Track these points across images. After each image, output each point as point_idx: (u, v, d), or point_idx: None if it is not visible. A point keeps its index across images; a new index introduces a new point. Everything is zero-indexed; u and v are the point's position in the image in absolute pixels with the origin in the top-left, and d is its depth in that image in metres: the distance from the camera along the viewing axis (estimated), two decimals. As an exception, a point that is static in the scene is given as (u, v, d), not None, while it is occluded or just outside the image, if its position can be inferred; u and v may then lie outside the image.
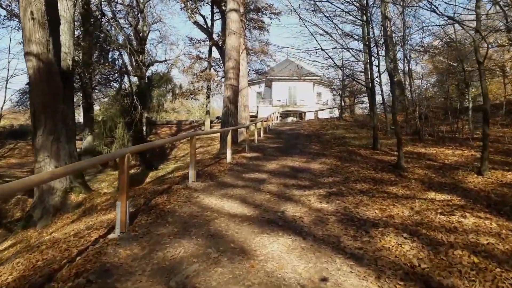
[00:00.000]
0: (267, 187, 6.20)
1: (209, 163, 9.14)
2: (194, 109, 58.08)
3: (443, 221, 4.09)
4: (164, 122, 35.76)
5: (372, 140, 11.21)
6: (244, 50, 20.59)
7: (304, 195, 5.60)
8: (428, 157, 8.19)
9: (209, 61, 28.48)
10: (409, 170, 6.99)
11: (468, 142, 9.99)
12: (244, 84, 20.36)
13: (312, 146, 12.21)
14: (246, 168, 8.18)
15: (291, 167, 8.21)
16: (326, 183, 6.47)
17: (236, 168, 8.15)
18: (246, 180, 6.85)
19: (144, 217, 4.43)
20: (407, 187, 5.77)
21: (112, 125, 17.22)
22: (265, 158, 9.77)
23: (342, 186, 6.11)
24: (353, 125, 19.62)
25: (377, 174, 6.90)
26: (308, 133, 16.97)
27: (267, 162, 9.01)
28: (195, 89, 28.47)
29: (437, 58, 16.08)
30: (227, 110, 13.75)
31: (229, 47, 13.98)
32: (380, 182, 6.21)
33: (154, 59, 38.09)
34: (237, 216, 4.47)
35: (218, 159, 9.77)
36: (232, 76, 13.81)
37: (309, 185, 6.31)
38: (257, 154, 10.73)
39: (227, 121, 13.64)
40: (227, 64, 14.06)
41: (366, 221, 4.24)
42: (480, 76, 5.99)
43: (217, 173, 7.44)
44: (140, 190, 6.30)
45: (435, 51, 14.18)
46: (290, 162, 9.02)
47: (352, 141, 12.30)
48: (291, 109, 36.86)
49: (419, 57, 14.65)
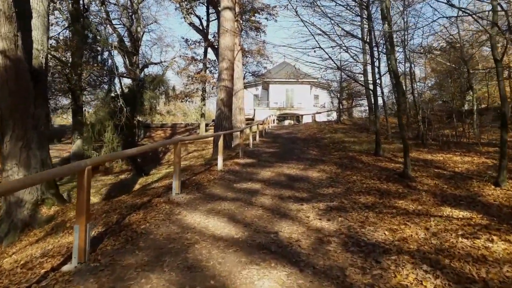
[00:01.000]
0: (260, 199, 5.51)
1: (198, 170, 8.45)
2: (190, 111, 57.37)
3: (467, 247, 3.42)
4: (158, 125, 35.05)
5: (373, 145, 10.57)
6: (239, 51, 19.96)
7: (301, 209, 4.92)
8: (435, 165, 7.54)
9: (205, 63, 27.81)
10: (417, 179, 6.33)
11: (475, 147, 9.37)
12: (239, 86, 19.71)
13: (310, 151, 11.55)
14: (238, 177, 7.50)
15: (287, 176, 7.53)
16: (326, 194, 5.79)
17: (228, 177, 7.46)
18: (237, 191, 6.16)
19: (111, 241, 3.73)
20: (417, 200, 5.10)
21: (101, 128, 16.51)
22: (260, 165, 9.10)
23: (344, 199, 5.43)
24: (352, 128, 19.01)
25: (382, 184, 6.23)
26: (306, 137, 16.32)
27: (262, 170, 8.34)
28: (190, 91, 27.77)
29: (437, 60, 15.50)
30: (220, 113, 13.08)
31: (222, 47, 13.32)
32: (387, 195, 5.54)
33: (149, 61, 37.53)
34: (222, 239, 3.78)
35: (209, 165, 9.08)
36: (226, 78, 13.15)
37: (307, 197, 5.63)
38: (251, 160, 10.05)
39: (220, 124, 12.96)
40: (220, 65, 13.40)
41: (375, 245, 3.57)
42: (498, 76, 5.36)
43: (205, 183, 6.75)
44: (117, 204, 5.60)
45: (438, 52, 13.57)
46: (286, 169, 8.35)
47: (352, 146, 11.65)
48: (288, 112, 36.25)
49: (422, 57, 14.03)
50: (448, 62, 14.00)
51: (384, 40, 8.73)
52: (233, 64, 13.97)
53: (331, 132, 17.18)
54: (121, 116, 17.60)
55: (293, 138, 16.40)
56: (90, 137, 16.80)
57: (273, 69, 38.11)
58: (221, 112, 13.06)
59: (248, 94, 42.39)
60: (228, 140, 13.17)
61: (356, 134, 15.92)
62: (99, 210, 5.37)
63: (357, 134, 16.21)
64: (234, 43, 13.87)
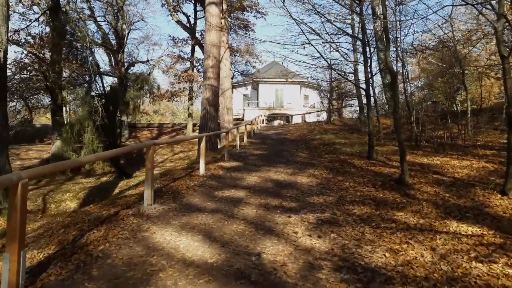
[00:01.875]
0: (243, 211, 4.91)
1: (179, 175, 7.79)
2: (179, 111, 56.45)
3: (484, 274, 2.88)
4: (145, 125, 34.17)
5: (365, 147, 10.09)
6: (227, 49, 19.32)
7: (289, 223, 4.34)
8: (433, 169, 7.05)
9: (192, 61, 27.09)
10: (415, 187, 5.82)
11: (471, 150, 8.95)
12: (227, 85, 19.07)
13: (300, 153, 10.99)
14: (221, 183, 6.87)
15: (274, 181, 6.95)
16: (317, 204, 5.22)
17: (209, 183, 6.83)
18: (219, 200, 5.54)
19: (58, 269, 3.07)
20: (418, 212, 4.56)
21: (80, 129, 15.69)
22: (246, 169, 8.50)
23: (337, 210, 4.87)
24: (343, 129, 18.57)
25: (378, 192, 5.69)
26: (295, 138, 15.79)
27: (248, 174, 7.73)
28: (176, 90, 26.99)
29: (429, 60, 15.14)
30: (205, 113, 12.43)
31: (208, 43, 12.67)
32: (384, 205, 4.99)
33: (135, 59, 36.63)
34: (194, 264, 3.16)
35: (190, 170, 8.43)
36: (212, 76, 12.50)
37: (295, 208, 5.05)
38: (237, 163, 9.44)
39: (205, 125, 12.31)
40: (206, 63, 12.75)
41: (375, 272, 3.00)
42: (504, 74, 4.87)
43: (184, 191, 6.10)
44: (81, 216, 4.91)
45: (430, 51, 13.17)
46: (274, 174, 7.76)
47: (343, 148, 11.14)
48: (278, 112, 35.74)
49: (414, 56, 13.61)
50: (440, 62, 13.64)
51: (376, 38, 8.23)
52: (220, 62, 13.34)
53: (321, 133, 16.68)
54: (103, 116, 16.81)
55: (282, 139, 15.85)
56: (69, 138, 15.97)
57: (263, 69, 37.58)
58: (206, 112, 12.41)
59: (237, 94, 41.80)
60: (213, 142, 12.53)
61: (347, 135, 15.46)
62: (59, 224, 4.69)
63: (347, 135, 15.75)
64: (220, 39, 13.23)
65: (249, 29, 27.96)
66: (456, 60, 12.06)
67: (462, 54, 12.81)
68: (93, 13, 28.63)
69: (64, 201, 13.09)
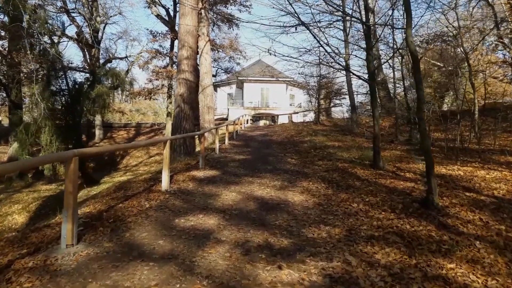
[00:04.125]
0: (210, 257, 3.24)
1: (135, 190, 6.05)
2: (162, 110, 54.18)
3: None
4: (122, 125, 32.00)
5: (364, 152, 8.60)
6: (208, 42, 17.53)
7: (279, 283, 2.71)
8: (459, 183, 5.56)
9: (171, 57, 25.17)
10: (449, 212, 4.28)
11: (489, 156, 7.57)
12: (208, 81, 17.28)
13: (288, 159, 9.39)
14: (188, 202, 5.18)
15: (258, 200, 5.30)
16: (318, 242, 3.61)
17: (172, 203, 5.12)
18: (178, 234, 3.85)
19: None
20: (478, 263, 2.98)
21: (37, 129, 13.67)
22: (224, 180, 6.83)
23: (349, 254, 3.26)
24: (333, 130, 17.10)
25: (401, 220, 4.11)
26: (282, 140, 14.20)
27: (225, 188, 6.08)
28: (154, 88, 25.02)
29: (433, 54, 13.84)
30: (179, 112, 10.70)
31: (182, 31, 10.95)
32: (418, 245, 3.40)
33: (113, 55, 34.46)
34: None
35: (153, 182, 6.69)
36: (187, 69, 10.79)
37: (288, 249, 3.42)
38: (214, 172, 7.76)
39: (179, 125, 10.59)
40: (180, 53, 11.03)
41: None
42: None
43: (131, 218, 4.39)
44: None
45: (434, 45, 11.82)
46: (258, 187, 6.12)
47: (339, 153, 9.61)
48: (263, 111, 34.18)
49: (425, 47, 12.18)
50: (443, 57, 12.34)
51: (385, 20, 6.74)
52: (196, 52, 11.64)
53: (311, 134, 15.15)
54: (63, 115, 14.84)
55: (268, 141, 14.23)
56: (24, 139, 13.92)
57: (248, 68, 36.03)
58: (180, 111, 10.68)
59: (221, 93, 40.07)
60: (189, 145, 10.81)
61: (339, 137, 13.97)
62: None
63: (340, 137, 14.28)
64: (197, 26, 11.50)
65: (233, 24, 26.35)
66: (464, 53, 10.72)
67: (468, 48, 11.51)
68: (66, 5, 26.40)
69: (10, 215, 11.10)
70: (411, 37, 4.49)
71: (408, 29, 4.54)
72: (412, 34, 4.65)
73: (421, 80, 4.60)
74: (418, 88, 4.55)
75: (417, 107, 4.78)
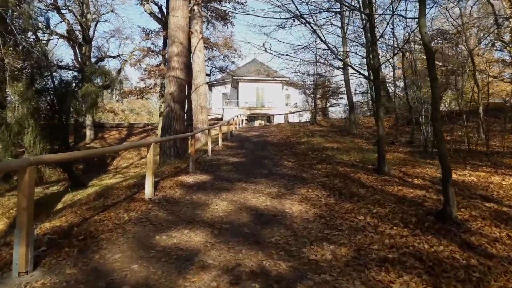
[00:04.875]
0: (192, 287, 2.67)
1: (116, 198, 5.44)
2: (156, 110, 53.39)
3: None
4: (113, 125, 31.20)
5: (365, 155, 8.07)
6: (201, 39, 16.93)
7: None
8: (475, 192, 5.03)
9: (164, 55, 24.45)
10: (471, 226, 3.74)
11: (499, 159, 7.07)
12: (201, 80, 16.67)
13: (285, 162, 8.84)
14: (172, 214, 4.60)
15: (252, 210, 4.73)
16: (323, 265, 3.04)
17: (154, 215, 4.53)
18: (155, 256, 3.26)
19: None
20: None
21: (20, 130, 12.98)
22: (215, 187, 6.25)
23: (362, 284, 2.70)
24: (331, 131, 16.60)
25: (417, 238, 3.55)
26: (278, 141, 13.65)
27: (216, 196, 5.49)
28: (146, 87, 24.33)
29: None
30: (169, 112, 10.09)
31: (172, 26, 10.34)
32: (441, 272, 2.83)
33: (105, 54, 33.74)
34: None
35: (136, 189, 6.09)
36: (177, 66, 10.18)
37: (286, 276, 2.85)
38: (205, 176, 7.18)
39: (169, 126, 9.99)
40: (170, 50, 10.42)
41: None
42: None
43: (105, 234, 3.78)
44: None
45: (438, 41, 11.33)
46: (252, 195, 5.55)
47: (338, 155, 9.07)
48: (258, 111, 33.63)
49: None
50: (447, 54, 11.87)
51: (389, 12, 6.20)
52: (187, 49, 11.03)
53: (308, 135, 14.61)
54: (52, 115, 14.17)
55: (263, 142, 13.66)
56: (6, 140, 13.21)
57: (243, 67, 35.46)
58: (170, 110, 10.07)
59: (216, 93, 39.49)
60: (179, 147, 10.20)
61: (338, 139, 13.46)
62: None
63: (338, 138, 13.76)
64: (187, 20, 10.89)
65: (228, 21, 25.76)
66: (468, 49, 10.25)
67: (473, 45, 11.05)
68: (56, 1, 25.62)
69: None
70: (425, 27, 3.95)
71: (422, 19, 4.00)
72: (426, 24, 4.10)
73: (436, 77, 4.07)
74: (433, 85, 4.00)
75: (432, 107, 4.23)
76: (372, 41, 6.34)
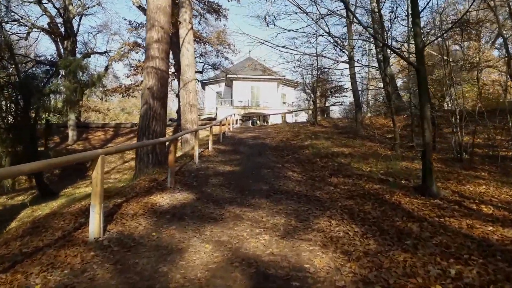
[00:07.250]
0: None
1: (49, 236, 3.65)
2: (147, 109, 51.32)
3: None
4: (99, 125, 29.21)
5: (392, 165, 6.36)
6: (190, 30, 15.12)
7: None
8: None
9: (152, 50, 22.63)
10: None
11: None
12: (190, 75, 14.87)
13: (289, 172, 7.09)
14: (121, 272, 2.81)
15: (251, 266, 2.95)
16: None
17: (91, 276, 2.74)
18: None
19: None
20: None
21: (-25, 132, 11.09)
22: (197, 214, 4.48)
23: None
24: (335, 132, 14.88)
25: None
26: (278, 145, 11.89)
27: (195, 233, 3.73)
28: (132, 84, 22.44)
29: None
30: (147, 110, 8.29)
31: (151, 7, 8.55)
32: None
33: (92, 50, 31.91)
34: None
35: (85, 219, 4.28)
36: (157, 55, 8.39)
37: None
38: (185, 195, 5.40)
39: (146, 127, 8.19)
40: (148, 35, 8.63)
41: None
42: None
43: None
44: None
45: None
46: (249, 231, 3.79)
47: (355, 164, 7.35)
48: (253, 111, 31.89)
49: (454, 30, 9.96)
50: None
51: None
52: (169, 35, 9.21)
53: (310, 137, 12.88)
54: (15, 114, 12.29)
55: (260, 145, 11.91)
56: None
57: (238, 65, 33.68)
58: (148, 108, 8.27)
59: (210, 92, 37.67)
60: (160, 153, 8.38)
61: (346, 142, 11.75)
62: None
63: (345, 141, 12.05)
64: (169, 2, 9.05)
65: (221, 15, 24.02)
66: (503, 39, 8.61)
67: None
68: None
69: None
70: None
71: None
72: None
73: None
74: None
75: None
76: (414, 14, 4.63)
